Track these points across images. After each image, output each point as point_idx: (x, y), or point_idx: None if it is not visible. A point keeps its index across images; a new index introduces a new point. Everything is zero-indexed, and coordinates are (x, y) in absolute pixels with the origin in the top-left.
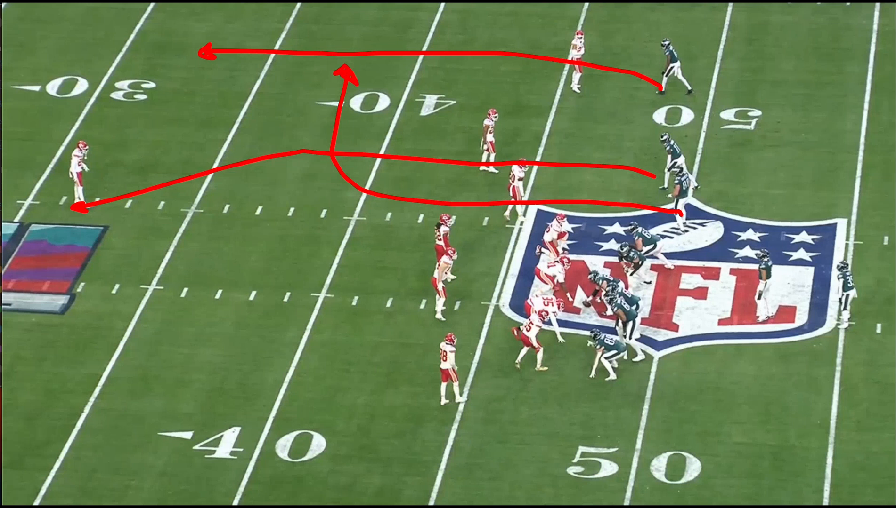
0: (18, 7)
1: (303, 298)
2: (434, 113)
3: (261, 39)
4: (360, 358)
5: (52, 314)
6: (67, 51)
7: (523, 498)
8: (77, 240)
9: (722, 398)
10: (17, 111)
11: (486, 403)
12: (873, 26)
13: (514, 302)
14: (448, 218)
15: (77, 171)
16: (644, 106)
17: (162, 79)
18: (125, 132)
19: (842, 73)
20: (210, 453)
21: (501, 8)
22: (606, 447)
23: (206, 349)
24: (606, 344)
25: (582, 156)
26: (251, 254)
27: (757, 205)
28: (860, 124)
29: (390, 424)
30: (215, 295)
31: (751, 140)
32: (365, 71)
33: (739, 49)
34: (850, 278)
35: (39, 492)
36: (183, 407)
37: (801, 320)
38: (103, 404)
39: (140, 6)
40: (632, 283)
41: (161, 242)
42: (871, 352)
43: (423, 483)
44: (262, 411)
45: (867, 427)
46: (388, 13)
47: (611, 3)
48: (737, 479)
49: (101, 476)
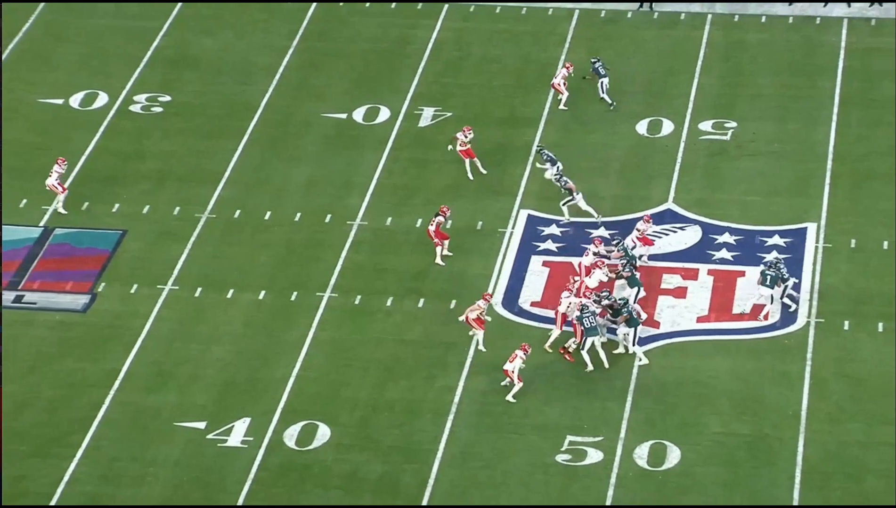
0: (42, 25)
1: (308, 298)
2: (431, 124)
3: (268, 55)
4: (362, 355)
5: (75, 312)
6: (88, 66)
7: (515, 485)
8: (98, 244)
9: (700, 391)
10: (41, 123)
11: (480, 396)
12: (842, 43)
13: (505, 300)
14: (447, 210)
15: (52, 183)
16: (628, 117)
17: (176, 92)
18: (142, 142)
19: (813, 87)
20: (222, 442)
21: (495, 25)
22: (592, 436)
23: (218, 346)
24: (586, 326)
25: (570, 165)
26: (260, 257)
27: (733, 211)
28: (830, 135)
29: (390, 416)
30: (227, 296)
31: (727, 150)
32: (366, 85)
33: (717, 65)
34: (785, 270)
35: (63, 479)
36: (196, 399)
37: (774, 318)
38: (122, 397)
39: (156, 25)
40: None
41: (176, 246)
42: (840, 349)
43: (420, 470)
44: (271, 403)
45: (836, 419)
46: (388, 31)
47: (598, 22)
48: (714, 467)
49: (121, 464)
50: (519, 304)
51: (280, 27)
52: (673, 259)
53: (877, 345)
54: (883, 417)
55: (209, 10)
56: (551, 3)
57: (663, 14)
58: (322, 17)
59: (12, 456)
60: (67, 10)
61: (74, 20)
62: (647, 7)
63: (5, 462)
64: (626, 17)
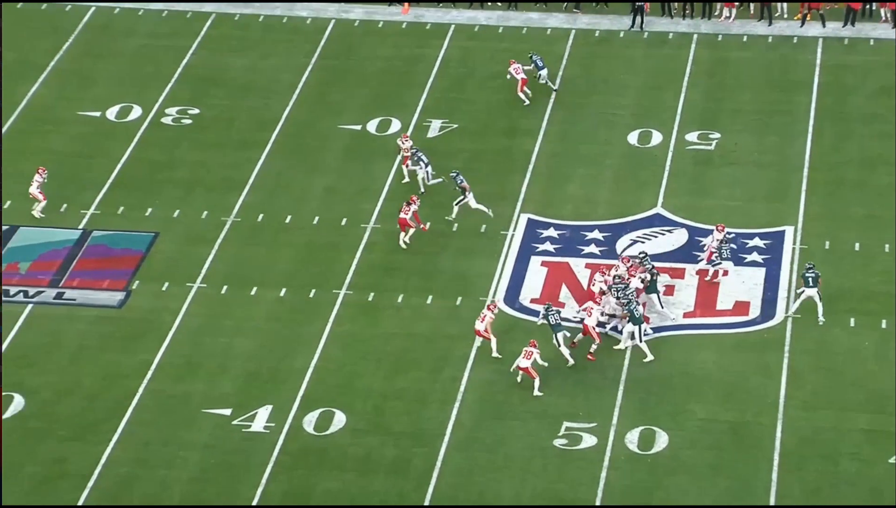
0: (82, 44)
1: (325, 295)
2: (439, 135)
3: (290, 72)
4: (375, 347)
5: (111, 308)
6: (124, 82)
7: (516, 467)
8: (132, 245)
9: (687, 381)
10: (81, 134)
11: (483, 385)
12: (817, 61)
13: (507, 297)
14: (417, 198)
15: (34, 191)
16: (620, 128)
17: (205, 106)
18: (173, 152)
19: (790, 102)
20: (246, 428)
21: (498, 45)
22: (587, 422)
23: (243, 339)
24: (551, 323)
25: (567, 172)
26: (281, 257)
27: (717, 215)
28: (805, 146)
29: (401, 403)
30: (250, 293)
31: (712, 159)
32: (379, 99)
33: (702, 81)
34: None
35: (100, 461)
36: (223, 388)
37: (755, 313)
38: (154, 386)
39: (186, 44)
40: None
41: (204, 247)
42: (816, 342)
43: (429, 454)
44: (291, 392)
45: (812, 406)
46: (400, 50)
47: (593, 41)
48: (700, 450)
49: (153, 447)
50: (519, 301)
51: (300, 47)
52: (661, 259)
53: (849, 339)
54: (854, 405)
55: (236, 31)
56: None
57: (653, 34)
58: (339, 38)
59: (54, 440)
60: (105, 31)
61: (111, 40)
62: (638, 27)
63: (48, 446)
64: (619, 36)
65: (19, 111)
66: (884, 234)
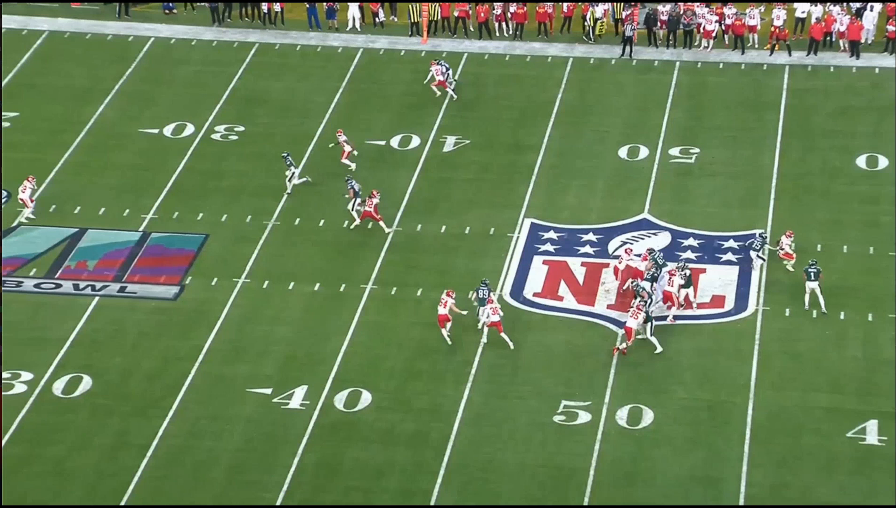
0: (143, 70)
1: (354, 289)
2: (453, 150)
3: (323, 94)
4: (397, 335)
5: (167, 300)
6: (179, 103)
7: (519, 440)
8: (186, 245)
9: (669, 365)
10: (141, 149)
11: (491, 369)
12: (784, 85)
13: (513, 291)
14: (377, 193)
15: (25, 197)
16: (611, 145)
17: (249, 124)
18: (221, 164)
19: (761, 120)
20: (285, 405)
21: (505, 70)
22: (583, 401)
23: (282, 327)
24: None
25: (565, 182)
26: (315, 256)
27: (696, 219)
28: (774, 159)
29: (420, 384)
30: (288, 287)
31: (692, 171)
32: (401, 118)
33: (683, 102)
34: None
35: (157, 434)
36: (264, 370)
37: (729, 306)
38: (205, 368)
39: (233, 70)
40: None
41: (248, 246)
42: (782, 331)
43: (444, 428)
44: (324, 373)
45: (779, 387)
46: (419, 74)
47: (588, 67)
48: (681, 425)
49: (204, 422)
50: (523, 295)
51: (333, 72)
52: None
53: (812, 328)
54: (817, 386)
55: (276, 59)
56: (550, 52)
57: (640, 61)
58: (367, 64)
59: (118, 415)
60: (162, 59)
61: (168, 67)
62: (628, 56)
63: (113, 420)
64: (611, 63)
65: (88, 128)
66: (842, 236)
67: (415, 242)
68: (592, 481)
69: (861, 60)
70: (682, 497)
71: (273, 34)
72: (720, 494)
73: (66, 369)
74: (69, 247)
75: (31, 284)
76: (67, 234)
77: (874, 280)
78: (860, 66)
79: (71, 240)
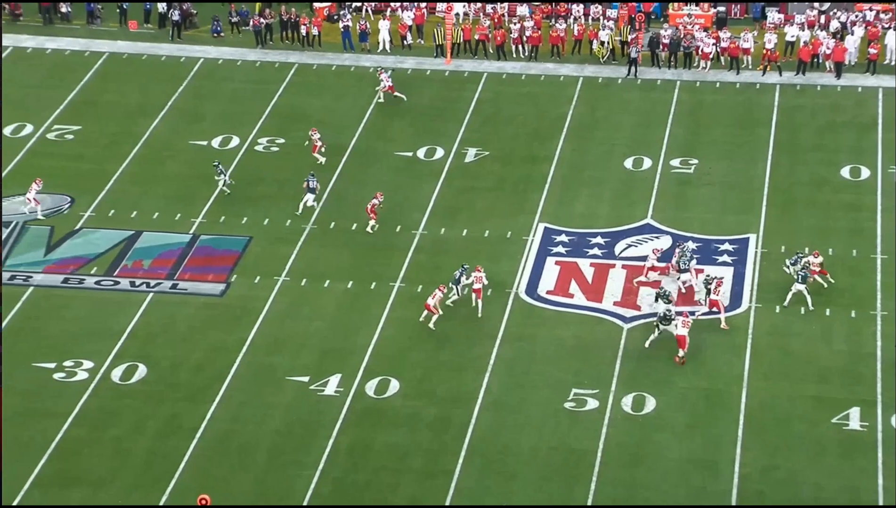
0: (192, 88)
1: (383, 287)
2: (474, 161)
3: (356, 110)
4: (422, 329)
5: (215, 296)
6: (225, 118)
7: (534, 425)
8: (231, 246)
9: (670, 355)
10: (191, 159)
11: (508, 360)
12: (775, 103)
13: (528, 289)
14: (381, 194)
15: (31, 197)
16: (617, 157)
17: (289, 137)
18: (263, 172)
19: (754, 135)
20: (320, 392)
21: (521, 89)
22: (591, 389)
23: (318, 321)
24: None
25: (575, 191)
26: (348, 256)
27: (695, 225)
28: (766, 171)
29: (443, 373)
30: (324, 285)
31: (691, 181)
32: (427, 131)
33: (684, 118)
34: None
35: (205, 418)
36: (302, 360)
37: (725, 303)
38: (248, 359)
39: (275, 88)
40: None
41: (287, 248)
42: (773, 326)
43: (464, 414)
44: (356, 364)
45: (770, 378)
46: (442, 92)
47: (597, 86)
48: (680, 412)
49: (247, 408)
50: (538, 292)
51: (365, 90)
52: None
53: (801, 324)
54: (805, 377)
55: (314, 78)
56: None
57: (644, 80)
58: (395, 83)
59: (170, 401)
60: (210, 78)
61: (216, 85)
62: (633, 76)
63: (165, 406)
64: (617, 82)
65: (143, 141)
66: (828, 241)
67: (439, 245)
68: (600, 462)
69: (845, 80)
70: (682, 476)
71: (311, 55)
72: (716, 475)
73: (123, 359)
74: (126, 247)
75: (92, 282)
76: (125, 236)
77: (858, 280)
78: (844, 85)
79: (128, 241)
